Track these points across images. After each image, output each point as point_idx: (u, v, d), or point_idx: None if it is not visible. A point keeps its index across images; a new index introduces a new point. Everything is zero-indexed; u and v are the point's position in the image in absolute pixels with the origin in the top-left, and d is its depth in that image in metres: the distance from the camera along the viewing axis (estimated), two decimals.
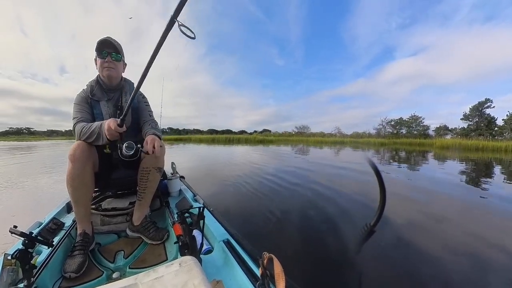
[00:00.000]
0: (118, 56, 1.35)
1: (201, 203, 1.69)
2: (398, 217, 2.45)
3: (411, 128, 38.35)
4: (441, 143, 20.39)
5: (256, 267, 0.91)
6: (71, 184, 1.16)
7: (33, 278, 0.87)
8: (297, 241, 1.93)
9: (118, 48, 1.33)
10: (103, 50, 1.30)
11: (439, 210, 2.80)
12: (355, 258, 1.57)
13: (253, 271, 0.89)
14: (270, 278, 0.72)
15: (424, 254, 1.72)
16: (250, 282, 0.85)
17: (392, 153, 12.60)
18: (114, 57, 1.33)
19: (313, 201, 3.04)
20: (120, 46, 1.36)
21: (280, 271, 0.67)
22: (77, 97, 1.36)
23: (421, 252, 1.75)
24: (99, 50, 1.30)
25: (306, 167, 6.23)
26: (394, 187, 3.92)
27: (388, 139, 31.87)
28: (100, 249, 1.28)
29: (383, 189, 0.52)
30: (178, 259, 0.72)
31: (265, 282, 0.73)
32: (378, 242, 1.82)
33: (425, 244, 1.88)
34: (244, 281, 0.87)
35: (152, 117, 1.52)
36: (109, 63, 1.32)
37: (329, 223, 2.29)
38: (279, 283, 0.64)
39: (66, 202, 1.64)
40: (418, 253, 1.74)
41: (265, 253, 0.76)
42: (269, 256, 0.74)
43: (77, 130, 1.21)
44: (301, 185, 3.89)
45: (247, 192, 3.40)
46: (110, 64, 1.32)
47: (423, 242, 1.91)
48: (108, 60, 1.31)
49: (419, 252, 1.75)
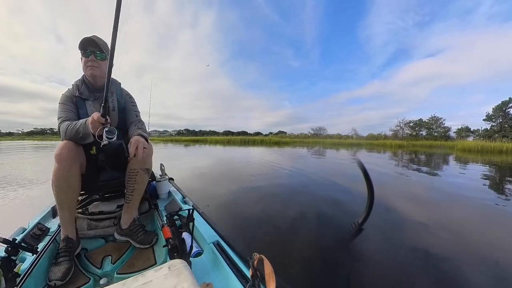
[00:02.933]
0: (103, 55, 1.32)
1: (191, 205, 1.67)
2: (405, 218, 2.46)
3: (431, 130, 37.16)
4: (462, 145, 19.46)
5: (247, 269, 0.91)
6: (56, 185, 1.13)
7: (17, 287, 0.84)
8: (287, 241, 1.95)
9: (102, 47, 1.30)
10: (87, 49, 1.28)
11: (446, 214, 2.70)
12: (344, 256, 1.60)
13: (244, 273, 0.89)
14: (260, 279, 0.72)
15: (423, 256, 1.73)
16: (240, 284, 0.85)
17: (411, 155, 11.99)
18: (99, 56, 1.31)
19: (303, 201, 3.08)
20: (106, 45, 1.33)
21: (271, 272, 0.67)
22: (62, 97, 1.33)
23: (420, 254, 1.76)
24: (83, 49, 1.28)
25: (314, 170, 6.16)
26: (407, 189, 3.88)
27: (406, 141, 30.96)
28: (86, 254, 1.24)
29: (370, 188, 0.53)
30: (167, 262, 0.71)
31: (255, 283, 0.73)
32: (369, 240, 1.86)
33: (425, 246, 1.86)
34: (234, 283, 0.87)
35: (139, 117, 1.50)
36: (92, 62, 1.29)
37: (319, 222, 2.33)
38: (270, 283, 0.64)
39: (51, 206, 1.59)
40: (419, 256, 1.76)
41: (256, 254, 0.76)
42: (260, 257, 0.74)
43: (62, 129, 1.18)
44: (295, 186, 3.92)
45: (238, 193, 3.40)
46: (93, 63, 1.30)
47: (422, 245, 1.89)
48: (91, 59, 1.29)
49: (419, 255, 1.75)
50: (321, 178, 4.64)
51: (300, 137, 46.36)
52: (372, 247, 1.81)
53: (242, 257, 0.99)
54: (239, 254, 1.02)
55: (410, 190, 3.87)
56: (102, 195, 1.62)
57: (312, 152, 13.51)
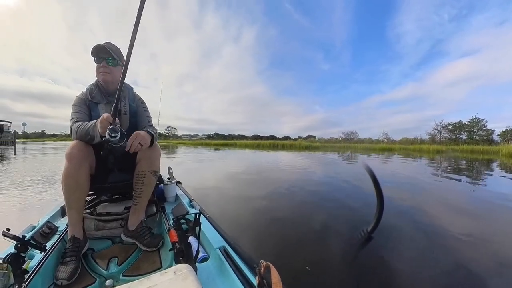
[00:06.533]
0: (114, 61, 1.36)
1: (198, 209, 1.67)
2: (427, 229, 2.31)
3: (472, 133, 33.87)
4: (508, 150, 17.18)
5: (253, 276, 0.89)
6: (65, 183, 1.15)
7: (25, 284, 0.84)
8: (295, 249, 1.90)
9: (113, 53, 1.33)
10: (98, 56, 1.33)
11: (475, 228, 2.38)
12: (352, 265, 1.54)
13: (250, 280, 0.87)
14: None
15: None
16: None
17: (451, 162, 10.94)
18: (110, 62, 1.35)
19: (312, 207, 3.03)
20: (119, 51, 1.38)
21: (278, 281, 0.65)
22: (76, 99, 1.38)
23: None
24: (95, 55, 1.33)
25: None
26: (444, 199, 3.61)
27: (445, 145, 28.55)
28: (93, 255, 1.25)
29: (380, 195, 0.51)
30: (173, 267, 0.70)
31: None
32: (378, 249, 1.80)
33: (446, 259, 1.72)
34: None
35: (151, 122, 1.52)
36: (104, 68, 1.34)
37: (328, 229, 2.27)
38: None
39: (61, 206, 1.62)
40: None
41: (262, 261, 0.74)
42: (266, 265, 0.72)
43: (73, 129, 1.22)
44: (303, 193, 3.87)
45: (244, 198, 3.38)
46: (105, 69, 1.34)
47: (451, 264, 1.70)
48: (103, 65, 1.33)
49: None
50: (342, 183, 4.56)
51: (330, 141, 45.15)
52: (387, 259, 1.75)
53: (248, 264, 0.97)
54: (245, 260, 1.00)
55: (447, 200, 3.62)
56: (110, 197, 1.64)
57: (343, 157, 13.05)
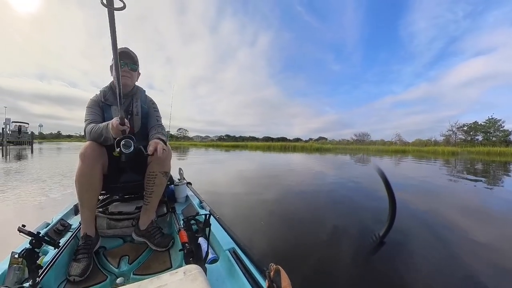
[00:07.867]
0: (134, 67, 1.44)
1: (208, 210, 1.67)
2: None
3: (488, 134, 32.59)
4: None
5: (263, 279, 0.87)
6: (79, 182, 1.19)
7: (38, 278, 0.87)
8: (305, 253, 1.87)
9: (135, 58, 1.43)
10: (121, 60, 1.37)
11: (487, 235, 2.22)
12: (364, 271, 1.50)
13: (259, 283, 0.86)
14: None
15: None
16: None
17: (466, 164, 10.63)
18: (131, 66, 1.42)
19: (323, 210, 2.98)
20: (137, 57, 1.46)
21: (288, 285, 0.64)
22: (90, 101, 1.42)
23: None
24: (120, 60, 1.36)
25: None
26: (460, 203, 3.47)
27: (460, 147, 27.46)
28: (105, 253, 1.27)
29: (392, 198, 0.50)
30: (183, 267, 0.70)
31: None
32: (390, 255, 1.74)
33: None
34: None
35: (160, 122, 1.56)
36: (126, 72, 1.39)
37: (340, 233, 2.22)
38: None
39: (74, 204, 1.66)
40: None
41: (272, 264, 0.73)
42: (276, 268, 0.71)
43: (87, 130, 1.26)
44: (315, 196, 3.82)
45: (254, 200, 3.37)
46: (127, 73, 1.40)
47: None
48: (125, 70, 1.39)
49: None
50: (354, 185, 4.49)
51: (342, 143, 44.36)
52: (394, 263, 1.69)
53: (258, 267, 0.96)
54: (255, 263, 0.99)
55: (463, 204, 3.48)
56: (122, 196, 1.66)
57: (355, 159, 12.81)
